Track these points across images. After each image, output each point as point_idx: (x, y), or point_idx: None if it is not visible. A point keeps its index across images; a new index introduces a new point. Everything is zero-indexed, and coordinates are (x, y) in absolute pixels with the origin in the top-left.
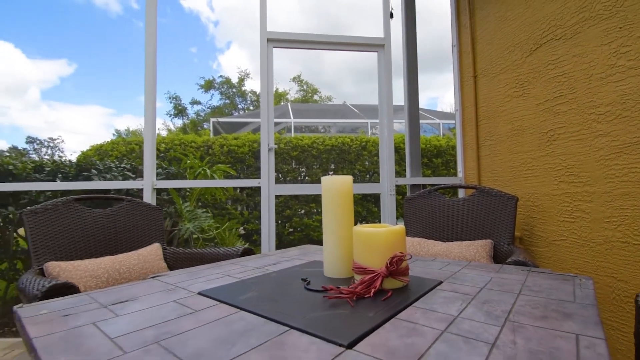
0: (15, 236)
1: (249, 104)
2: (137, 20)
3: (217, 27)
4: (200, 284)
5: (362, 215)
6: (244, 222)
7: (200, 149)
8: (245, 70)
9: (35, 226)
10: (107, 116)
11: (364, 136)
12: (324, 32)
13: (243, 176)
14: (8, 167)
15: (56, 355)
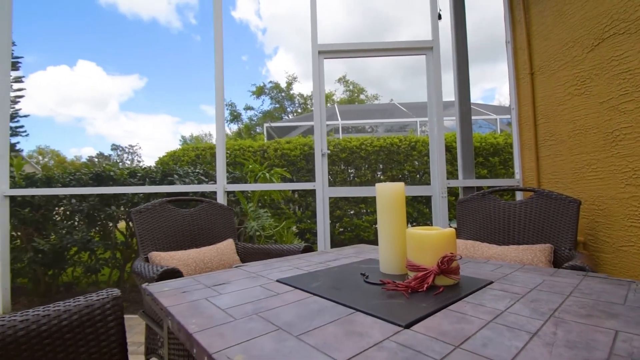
0: (113, 229)
1: (297, 107)
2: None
3: (264, 34)
4: (275, 273)
5: (413, 217)
6: (296, 221)
7: (257, 153)
8: (292, 75)
9: (141, 222)
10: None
11: (413, 136)
12: (369, 30)
13: (295, 178)
14: (110, 173)
15: (189, 319)
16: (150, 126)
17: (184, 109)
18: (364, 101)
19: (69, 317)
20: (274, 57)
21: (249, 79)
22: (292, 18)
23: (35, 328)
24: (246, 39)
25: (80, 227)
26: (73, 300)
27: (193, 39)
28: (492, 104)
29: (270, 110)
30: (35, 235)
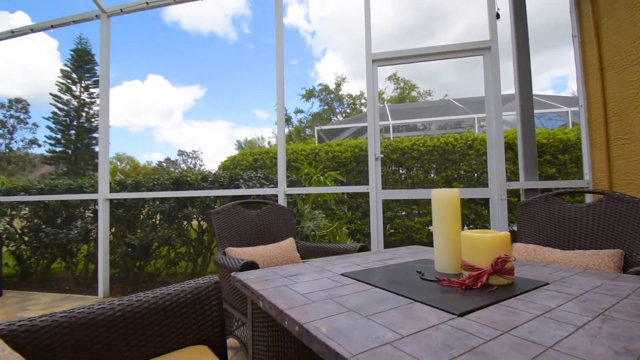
0: (187, 227)
1: (345, 107)
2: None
3: (313, 37)
4: (338, 268)
5: (470, 219)
6: (347, 221)
7: (309, 156)
8: (341, 76)
9: (219, 222)
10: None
11: (470, 134)
12: (420, 24)
13: (346, 180)
14: (186, 178)
15: (277, 299)
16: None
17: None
18: (415, 98)
19: (184, 295)
20: (323, 59)
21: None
22: (340, 19)
23: (161, 303)
24: (296, 43)
25: (162, 225)
26: (186, 282)
27: (247, 47)
28: (563, 95)
29: (320, 112)
30: (126, 232)
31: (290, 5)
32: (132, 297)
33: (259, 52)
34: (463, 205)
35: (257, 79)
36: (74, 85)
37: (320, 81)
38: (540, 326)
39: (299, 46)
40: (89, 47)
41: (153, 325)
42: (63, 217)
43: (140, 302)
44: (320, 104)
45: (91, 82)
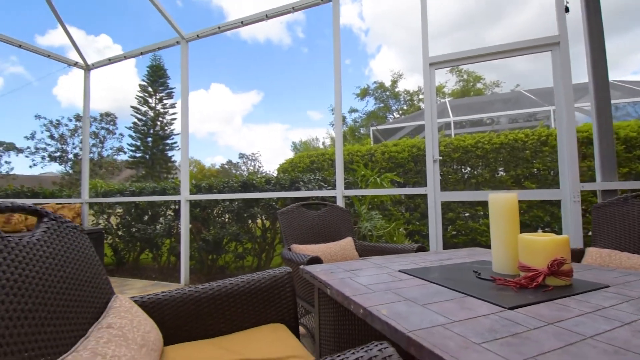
0: (252, 226)
1: (402, 104)
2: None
3: (367, 35)
4: (396, 265)
5: (545, 221)
6: (405, 222)
7: (365, 157)
8: (397, 72)
9: (284, 221)
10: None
11: (544, 129)
12: (482, 11)
13: (404, 180)
14: (252, 181)
15: (343, 288)
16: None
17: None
18: (481, 91)
19: (265, 281)
20: (377, 55)
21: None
22: (395, 14)
23: (247, 286)
24: (349, 42)
25: (230, 223)
26: (265, 271)
27: (301, 51)
28: None
29: (375, 111)
30: (202, 229)
31: (343, 4)
32: (225, 281)
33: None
34: (536, 206)
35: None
36: (150, 97)
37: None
38: (587, 321)
39: (352, 45)
40: (162, 62)
41: (241, 304)
42: (149, 215)
43: (232, 285)
44: (375, 102)
45: (164, 94)
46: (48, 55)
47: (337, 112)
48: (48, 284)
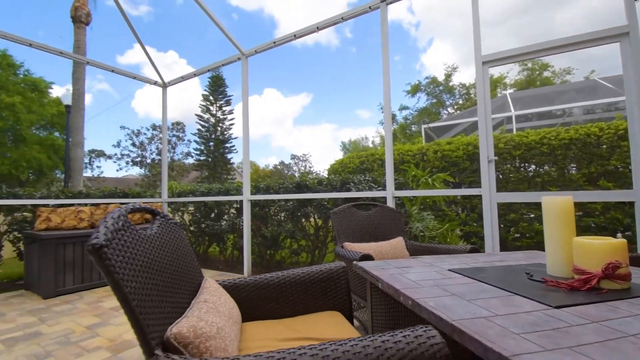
0: (305, 224)
1: (457, 98)
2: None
3: (418, 29)
4: (446, 264)
5: (625, 224)
6: (461, 223)
7: (416, 156)
8: (451, 65)
9: (337, 220)
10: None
11: (622, 121)
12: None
13: (458, 180)
14: (306, 182)
15: (393, 282)
16: (316, 135)
17: (341, 116)
18: (549, 79)
19: (322, 274)
20: (429, 49)
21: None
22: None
23: (307, 277)
24: (399, 38)
25: (286, 221)
26: (322, 265)
27: (349, 51)
28: None
29: (427, 107)
30: (261, 226)
31: (391, 4)
32: (288, 271)
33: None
34: (614, 207)
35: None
36: (211, 105)
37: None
38: (634, 322)
39: (402, 40)
40: (221, 72)
41: (301, 292)
42: (215, 212)
43: (294, 275)
44: (428, 98)
45: (223, 102)
46: (134, 77)
47: (387, 115)
48: (166, 265)
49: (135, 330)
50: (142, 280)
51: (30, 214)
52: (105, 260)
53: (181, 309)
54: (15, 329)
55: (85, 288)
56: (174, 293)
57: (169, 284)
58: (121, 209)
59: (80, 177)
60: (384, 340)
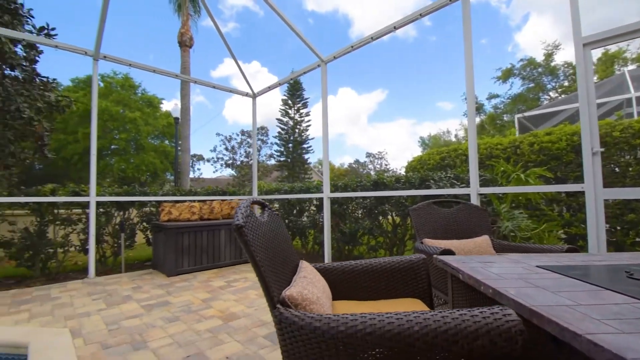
0: (383, 221)
1: (562, 80)
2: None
3: (509, 5)
4: (534, 262)
5: None
6: (564, 224)
7: (507, 150)
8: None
9: (416, 217)
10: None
11: None
12: None
13: (560, 174)
14: (383, 180)
15: (474, 274)
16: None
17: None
18: None
19: (403, 264)
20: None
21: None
22: None
23: (389, 266)
24: (486, 18)
25: (363, 218)
26: (403, 257)
27: (428, 40)
28: None
29: (522, 93)
30: (339, 222)
31: None
32: (372, 259)
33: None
34: None
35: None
36: (290, 109)
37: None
38: None
39: (489, 21)
40: (298, 77)
41: (384, 279)
42: (297, 209)
43: (377, 263)
44: (523, 83)
45: (301, 104)
46: (230, 90)
47: (470, 107)
48: (276, 245)
49: (263, 289)
50: (264, 254)
51: (154, 209)
52: (244, 236)
53: (286, 282)
54: (150, 298)
55: (197, 270)
56: (282, 267)
57: (278, 259)
58: (246, 201)
59: (187, 178)
60: (462, 313)
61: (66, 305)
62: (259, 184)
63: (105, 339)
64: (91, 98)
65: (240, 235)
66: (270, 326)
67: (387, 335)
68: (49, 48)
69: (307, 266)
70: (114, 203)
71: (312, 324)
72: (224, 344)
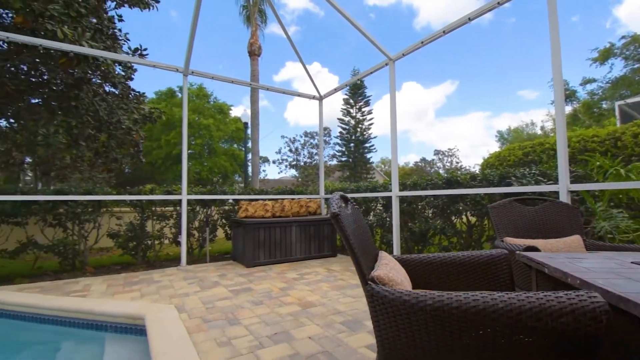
0: (456, 221)
1: None
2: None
3: None
4: (630, 258)
5: None
6: None
7: (605, 143)
8: None
9: (495, 215)
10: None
11: None
12: None
13: None
14: (456, 178)
15: (560, 267)
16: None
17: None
18: None
19: (482, 258)
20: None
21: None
22: None
23: (469, 260)
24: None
25: (434, 218)
26: (484, 251)
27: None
28: None
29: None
30: (408, 221)
31: None
32: (450, 253)
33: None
34: None
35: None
36: (352, 108)
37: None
38: None
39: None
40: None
41: (463, 271)
42: (363, 208)
43: (455, 256)
44: (626, 63)
45: (362, 103)
46: (298, 94)
47: (558, 94)
48: (360, 233)
49: (356, 267)
50: (354, 238)
51: (231, 207)
52: (340, 222)
53: (369, 268)
54: (234, 285)
55: (272, 262)
56: (366, 254)
57: (363, 246)
58: (336, 194)
59: (257, 179)
60: (547, 294)
61: (168, 287)
62: (327, 184)
63: (205, 315)
64: (182, 109)
65: (337, 221)
66: (345, 315)
67: (472, 310)
68: (141, 66)
69: (387, 256)
70: (198, 201)
71: (402, 297)
72: (305, 326)
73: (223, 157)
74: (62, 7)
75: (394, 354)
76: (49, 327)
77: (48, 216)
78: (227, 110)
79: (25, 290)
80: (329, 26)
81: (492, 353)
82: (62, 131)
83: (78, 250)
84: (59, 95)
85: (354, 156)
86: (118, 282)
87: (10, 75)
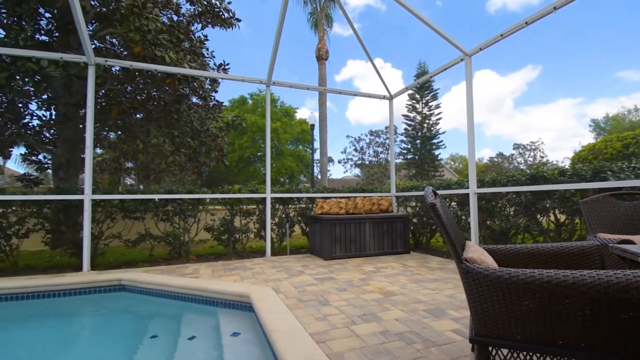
0: (542, 220)
1: None
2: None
3: None
4: None
5: None
6: None
7: None
8: None
9: (587, 210)
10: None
11: None
12: None
13: None
14: (542, 174)
15: None
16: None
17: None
18: None
19: (571, 249)
20: None
21: None
22: None
23: (559, 252)
24: None
25: (517, 215)
26: (575, 242)
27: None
28: None
29: None
30: (487, 219)
31: None
32: (538, 245)
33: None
34: None
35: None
36: (417, 103)
37: None
38: None
39: None
40: (427, 68)
41: (550, 263)
42: None
43: (543, 248)
44: None
45: (429, 97)
46: (369, 95)
47: None
48: (450, 222)
49: (451, 249)
50: (448, 226)
51: (305, 205)
52: (437, 210)
53: (459, 250)
54: (317, 274)
55: (347, 256)
56: (457, 241)
57: (454, 233)
58: (428, 189)
59: (325, 179)
60: (634, 271)
61: (261, 273)
62: (397, 182)
63: (299, 296)
64: (265, 117)
65: (434, 210)
66: (427, 304)
67: (562, 284)
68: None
69: (474, 244)
70: (278, 199)
71: (496, 273)
72: (390, 310)
73: (290, 158)
74: (167, 35)
75: (488, 321)
76: (173, 302)
77: (159, 212)
78: (292, 113)
79: (150, 272)
80: (391, 20)
81: (582, 321)
82: (168, 140)
83: (183, 241)
84: (161, 110)
85: (420, 153)
86: (219, 268)
87: (124, 96)
